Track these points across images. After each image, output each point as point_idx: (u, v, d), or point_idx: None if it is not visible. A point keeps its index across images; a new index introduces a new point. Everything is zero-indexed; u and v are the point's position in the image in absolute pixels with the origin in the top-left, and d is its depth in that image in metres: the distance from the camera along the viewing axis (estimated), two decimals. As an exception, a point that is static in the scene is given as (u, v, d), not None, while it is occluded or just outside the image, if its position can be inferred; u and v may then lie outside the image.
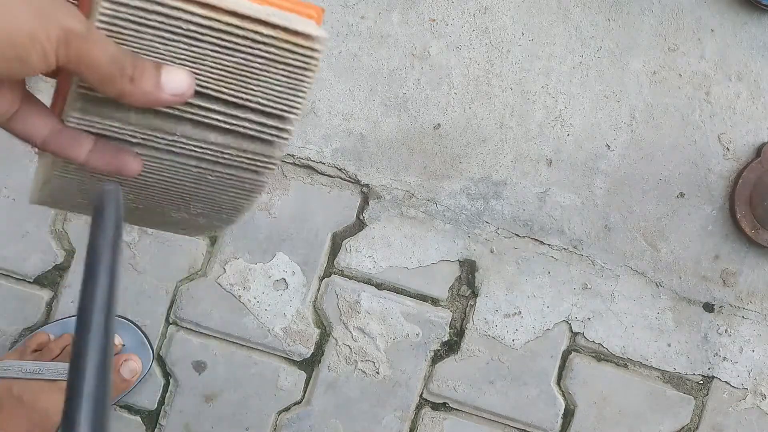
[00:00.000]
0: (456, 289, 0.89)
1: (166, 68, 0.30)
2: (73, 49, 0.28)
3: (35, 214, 0.86)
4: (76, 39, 0.27)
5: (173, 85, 0.30)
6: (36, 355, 0.81)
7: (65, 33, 0.27)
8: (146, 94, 0.30)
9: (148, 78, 0.29)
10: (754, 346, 0.91)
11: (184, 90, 0.30)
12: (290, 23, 0.32)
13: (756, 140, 0.89)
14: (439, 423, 0.90)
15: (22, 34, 0.26)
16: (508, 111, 0.89)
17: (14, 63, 0.27)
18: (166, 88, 0.30)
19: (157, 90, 0.30)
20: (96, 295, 0.26)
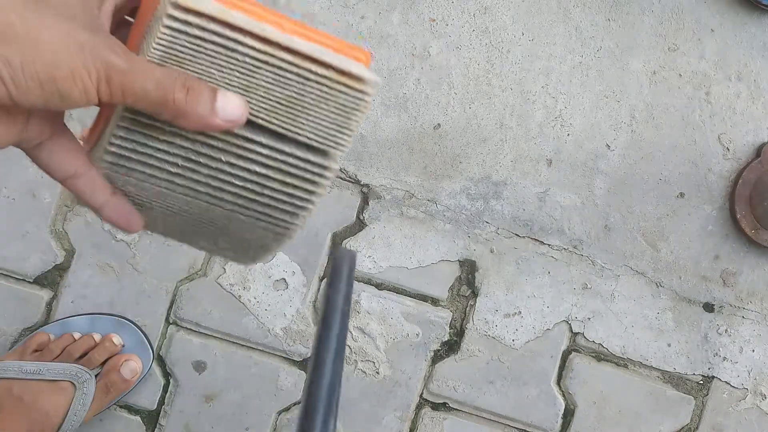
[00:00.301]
0: (456, 289, 0.89)
1: (221, 93, 0.30)
2: (115, 84, 0.28)
3: (35, 214, 0.86)
4: (117, 74, 0.28)
5: (228, 110, 0.30)
6: (36, 356, 0.80)
7: (106, 69, 0.27)
8: (200, 117, 0.29)
9: (203, 101, 0.29)
10: (754, 346, 0.91)
11: (237, 117, 0.30)
12: (343, 64, 0.32)
13: (756, 140, 0.89)
14: (439, 423, 0.90)
15: (64, 70, 0.27)
16: (508, 111, 0.89)
17: (54, 97, 0.27)
18: (220, 113, 0.30)
19: (212, 114, 0.30)
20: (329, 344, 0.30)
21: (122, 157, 0.32)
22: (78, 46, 0.27)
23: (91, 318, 0.85)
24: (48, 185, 0.86)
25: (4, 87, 0.26)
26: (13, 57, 0.26)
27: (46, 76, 0.26)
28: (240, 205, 0.34)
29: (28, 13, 0.26)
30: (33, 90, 0.27)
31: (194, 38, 0.30)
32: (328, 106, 0.33)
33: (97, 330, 0.85)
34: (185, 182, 0.33)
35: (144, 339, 0.85)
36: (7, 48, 0.26)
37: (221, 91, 0.30)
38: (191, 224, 0.37)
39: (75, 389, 0.79)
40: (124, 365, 0.82)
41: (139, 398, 0.88)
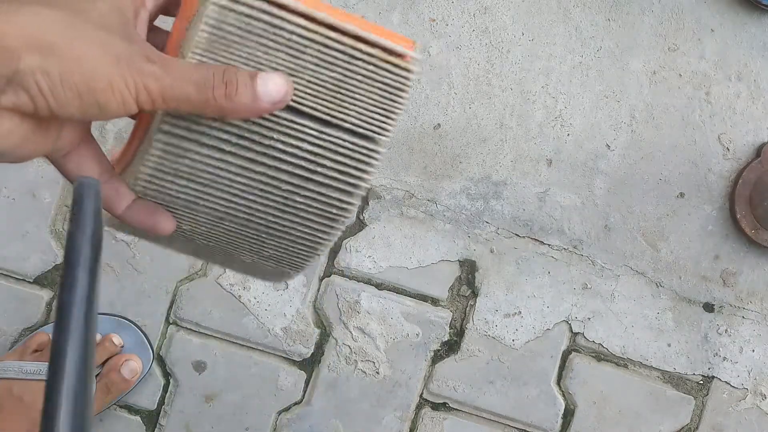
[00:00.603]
0: (456, 289, 0.89)
1: (260, 75, 0.30)
2: (155, 92, 0.28)
3: (35, 214, 0.86)
4: (155, 82, 0.28)
5: (270, 91, 0.30)
6: (36, 356, 0.81)
7: (143, 78, 0.27)
8: (246, 107, 0.29)
9: (245, 91, 0.29)
10: (754, 346, 0.91)
11: (282, 95, 0.30)
12: (389, 43, 0.33)
13: (756, 140, 0.89)
14: (439, 423, 0.90)
15: (102, 82, 0.27)
16: (508, 111, 0.89)
17: (92, 108, 0.27)
18: (264, 97, 0.30)
19: (256, 101, 0.29)
20: (76, 292, 0.26)
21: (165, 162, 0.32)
22: (115, 57, 0.27)
23: (91, 318, 0.85)
24: (48, 185, 0.86)
25: (43, 99, 0.26)
26: (53, 69, 0.26)
27: (85, 87, 0.27)
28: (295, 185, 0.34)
29: (67, 26, 0.27)
30: (72, 102, 0.27)
31: (241, 16, 0.30)
32: (373, 88, 0.33)
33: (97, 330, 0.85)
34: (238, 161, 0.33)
35: (144, 339, 0.85)
36: (47, 61, 0.26)
37: (260, 73, 0.30)
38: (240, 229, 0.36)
39: (75, 389, 0.79)
40: (124, 365, 0.82)
41: (139, 398, 0.88)
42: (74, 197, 0.28)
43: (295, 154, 0.33)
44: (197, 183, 0.33)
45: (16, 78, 0.26)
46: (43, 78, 0.26)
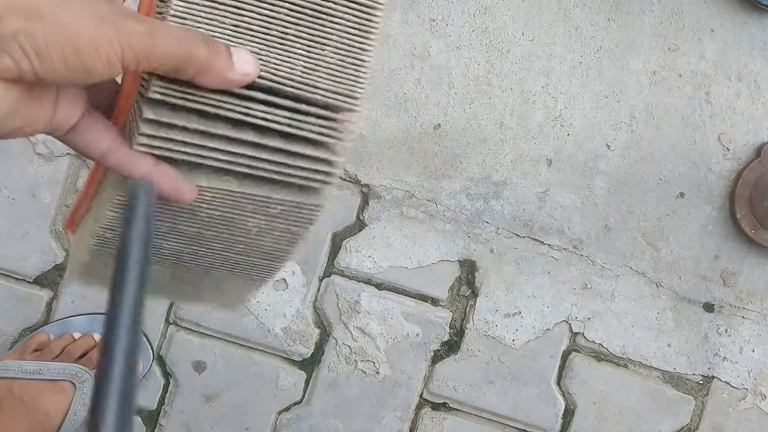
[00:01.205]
0: (456, 289, 0.89)
1: (234, 49, 0.31)
2: (140, 51, 0.28)
3: (35, 214, 0.86)
4: (140, 39, 0.28)
5: (243, 64, 0.31)
6: (36, 355, 0.81)
7: (128, 37, 0.28)
8: (220, 71, 0.30)
9: (222, 57, 0.30)
10: (754, 346, 0.91)
11: (251, 70, 0.31)
12: None
13: (756, 140, 0.89)
14: (439, 423, 0.90)
15: (86, 42, 0.27)
16: (508, 111, 0.89)
17: (78, 70, 0.27)
18: (236, 68, 0.31)
19: (230, 69, 0.31)
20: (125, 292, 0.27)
21: (155, 137, 0.32)
22: (98, 17, 0.27)
23: (91, 318, 0.85)
24: (48, 185, 0.86)
25: (28, 62, 0.27)
26: (37, 31, 0.26)
27: (70, 48, 0.27)
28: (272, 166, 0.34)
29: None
30: (57, 64, 0.27)
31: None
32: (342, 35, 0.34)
33: (97, 330, 0.85)
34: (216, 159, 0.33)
35: (144, 339, 0.85)
36: (31, 23, 0.26)
37: (234, 48, 0.31)
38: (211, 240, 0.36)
39: (75, 389, 0.79)
40: (124, 365, 0.82)
41: (139, 398, 0.88)
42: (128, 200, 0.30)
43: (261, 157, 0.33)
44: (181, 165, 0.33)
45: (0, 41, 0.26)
46: (27, 40, 0.26)
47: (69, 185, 0.87)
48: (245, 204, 0.34)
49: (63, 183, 0.86)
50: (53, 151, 0.86)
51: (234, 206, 0.34)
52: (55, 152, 0.86)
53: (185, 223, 0.35)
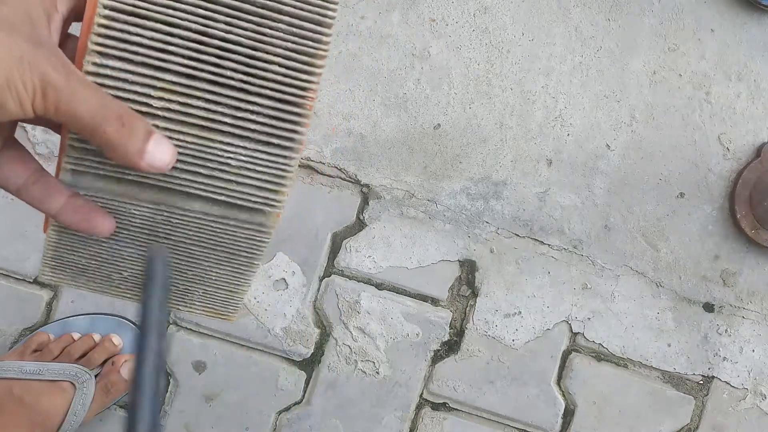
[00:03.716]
0: (456, 289, 0.89)
1: (155, 137, 0.29)
2: (50, 100, 0.27)
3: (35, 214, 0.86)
4: (53, 90, 0.27)
5: (157, 158, 0.29)
6: (36, 356, 0.80)
7: (42, 83, 0.27)
8: (127, 155, 0.29)
9: (135, 140, 0.29)
10: (754, 346, 0.91)
11: (164, 166, 0.30)
12: None
13: (756, 140, 0.89)
14: (439, 423, 0.90)
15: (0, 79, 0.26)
16: (508, 111, 0.89)
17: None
18: (148, 158, 0.29)
19: (139, 157, 0.29)
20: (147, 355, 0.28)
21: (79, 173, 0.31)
22: (17, 57, 0.27)
23: (91, 318, 0.85)
24: (48, 185, 0.86)
25: None
26: None
27: None
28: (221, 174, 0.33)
29: None
30: None
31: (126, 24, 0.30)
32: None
33: (97, 330, 0.85)
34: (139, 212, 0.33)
35: (144, 339, 0.85)
36: None
37: (156, 135, 0.29)
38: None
39: (75, 389, 0.79)
40: (124, 365, 0.82)
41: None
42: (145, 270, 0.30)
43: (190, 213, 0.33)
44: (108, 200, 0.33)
45: None
46: None
47: (69, 185, 0.87)
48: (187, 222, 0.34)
49: (63, 183, 0.86)
50: (53, 152, 0.86)
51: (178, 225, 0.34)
52: (55, 152, 0.86)
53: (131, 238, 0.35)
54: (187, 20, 0.30)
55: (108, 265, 0.36)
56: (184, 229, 0.34)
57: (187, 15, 0.30)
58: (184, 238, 0.34)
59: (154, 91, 0.30)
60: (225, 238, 0.34)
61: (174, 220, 0.33)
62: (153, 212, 0.33)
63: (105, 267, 0.36)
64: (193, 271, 0.36)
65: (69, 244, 0.35)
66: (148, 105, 0.30)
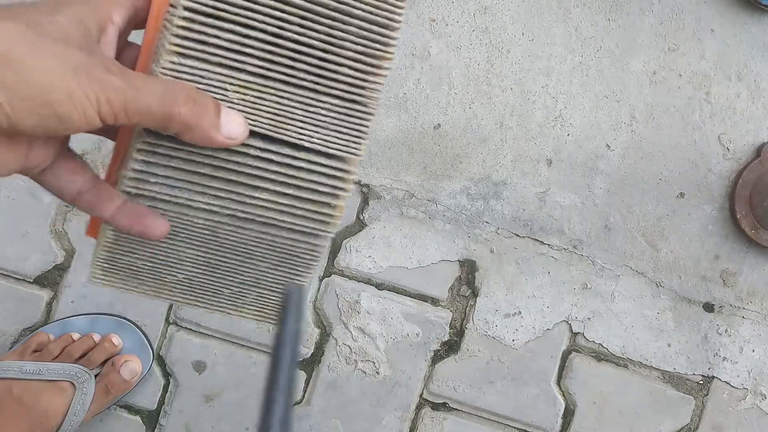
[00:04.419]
0: (456, 289, 0.89)
1: (225, 110, 0.30)
2: (116, 104, 0.27)
3: (35, 214, 0.86)
4: (116, 93, 0.27)
5: (231, 127, 0.30)
6: (36, 356, 0.80)
7: (104, 90, 0.27)
8: (204, 131, 0.29)
9: (208, 115, 0.29)
10: (754, 346, 0.91)
11: (239, 133, 0.30)
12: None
13: (756, 140, 0.89)
14: (439, 423, 0.90)
15: (60, 94, 0.26)
16: (508, 111, 0.89)
17: (52, 120, 0.27)
18: (223, 130, 0.30)
19: (215, 129, 0.30)
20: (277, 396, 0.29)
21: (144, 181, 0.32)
22: (73, 68, 0.27)
23: (90, 318, 0.85)
24: (48, 185, 0.86)
25: (2, 112, 0.26)
26: (8, 81, 0.25)
27: (42, 99, 0.26)
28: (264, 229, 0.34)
29: (22, 39, 0.26)
30: (30, 115, 0.26)
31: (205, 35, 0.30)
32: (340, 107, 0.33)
33: (97, 330, 0.85)
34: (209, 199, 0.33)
35: (144, 339, 0.85)
36: (4, 73, 0.25)
37: (224, 108, 0.30)
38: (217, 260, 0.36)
39: (75, 389, 0.79)
40: (123, 366, 0.82)
41: (139, 398, 0.88)
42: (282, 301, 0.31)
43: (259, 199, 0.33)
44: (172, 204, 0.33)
45: None
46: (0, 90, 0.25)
47: (69, 185, 0.87)
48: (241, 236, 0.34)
49: (63, 183, 0.86)
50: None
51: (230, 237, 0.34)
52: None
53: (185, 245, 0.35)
54: (263, 22, 0.31)
55: (163, 267, 0.36)
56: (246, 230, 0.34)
57: (263, 17, 0.31)
58: (245, 239, 0.34)
59: (230, 87, 0.31)
60: (285, 240, 0.35)
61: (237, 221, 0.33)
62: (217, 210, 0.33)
63: (159, 269, 0.36)
64: (250, 273, 0.37)
65: (126, 246, 0.35)
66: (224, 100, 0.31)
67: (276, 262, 0.36)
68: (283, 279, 0.37)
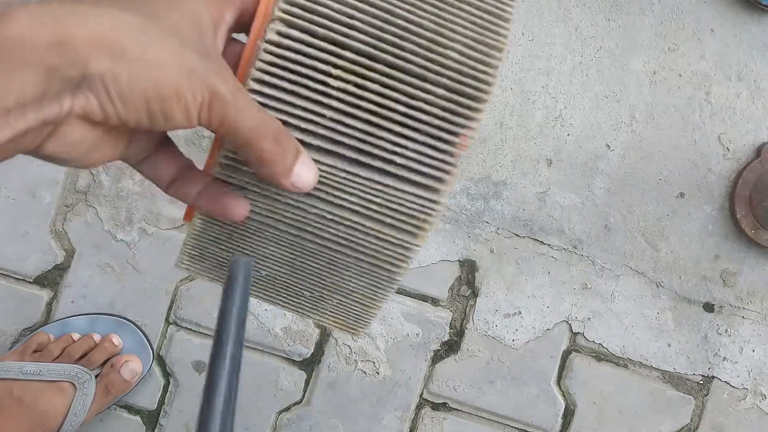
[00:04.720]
0: (456, 289, 0.89)
1: (302, 157, 0.30)
2: (215, 112, 0.28)
3: (35, 214, 0.86)
4: (220, 104, 0.27)
5: (302, 178, 0.30)
6: (36, 356, 0.80)
7: (210, 95, 0.27)
8: (275, 174, 0.30)
9: (286, 160, 0.30)
10: (754, 346, 0.91)
11: (306, 186, 0.31)
12: None
13: (756, 140, 0.89)
14: (439, 423, 0.90)
15: (170, 90, 0.26)
16: (508, 111, 0.89)
17: (158, 117, 0.27)
18: (293, 177, 0.30)
19: (285, 176, 0.30)
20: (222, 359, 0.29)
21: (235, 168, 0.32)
22: (188, 69, 0.27)
23: (91, 318, 0.85)
24: (48, 185, 0.86)
25: (112, 106, 0.26)
26: (122, 73, 0.25)
27: (153, 94, 0.26)
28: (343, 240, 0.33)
29: (140, 31, 0.26)
30: (139, 108, 0.26)
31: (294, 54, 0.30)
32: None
33: (97, 330, 0.85)
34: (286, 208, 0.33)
35: (144, 339, 0.85)
36: (117, 65, 0.25)
37: (304, 156, 0.30)
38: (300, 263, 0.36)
39: (75, 390, 0.79)
40: (124, 366, 0.82)
41: (139, 398, 0.88)
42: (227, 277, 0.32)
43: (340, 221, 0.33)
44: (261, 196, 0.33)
45: (85, 82, 0.25)
46: (112, 84, 0.25)
47: (69, 185, 0.87)
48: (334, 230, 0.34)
49: (63, 183, 0.86)
50: (53, 152, 0.86)
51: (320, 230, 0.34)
52: (54, 152, 0.86)
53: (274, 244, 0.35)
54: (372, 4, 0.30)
55: None
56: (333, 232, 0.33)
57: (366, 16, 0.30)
58: (330, 243, 0.34)
59: (333, 69, 0.30)
60: (371, 247, 0.34)
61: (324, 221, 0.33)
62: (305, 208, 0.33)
63: None
64: (332, 279, 0.36)
65: (213, 235, 0.35)
66: (326, 84, 0.30)
67: (359, 271, 0.35)
68: (365, 289, 0.37)
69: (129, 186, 0.87)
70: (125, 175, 0.87)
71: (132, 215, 0.87)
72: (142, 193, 0.87)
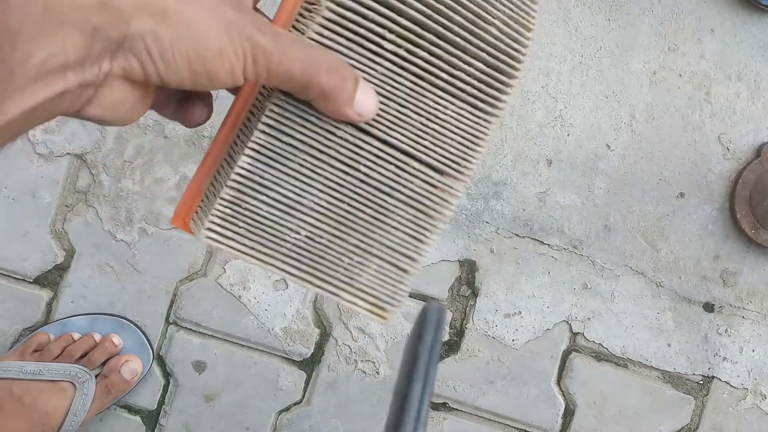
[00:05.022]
0: (456, 289, 0.89)
1: (362, 83, 0.30)
2: (261, 64, 0.27)
3: (35, 214, 0.86)
4: (263, 54, 0.27)
5: (364, 104, 0.30)
6: (36, 356, 0.81)
7: (253, 49, 0.27)
8: (337, 104, 0.30)
9: (347, 88, 0.30)
10: (754, 346, 0.91)
11: (368, 112, 0.31)
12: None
13: (756, 140, 0.89)
14: (439, 423, 0.90)
15: (212, 49, 0.26)
16: (508, 111, 0.89)
17: (201, 77, 0.27)
18: (356, 105, 0.30)
19: (349, 105, 0.30)
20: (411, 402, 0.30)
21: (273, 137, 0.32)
22: (225, 24, 0.26)
23: (91, 318, 0.85)
24: (48, 185, 0.86)
25: (153, 66, 0.26)
26: (164, 34, 0.25)
27: (195, 54, 0.26)
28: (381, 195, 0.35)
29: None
30: (181, 69, 0.26)
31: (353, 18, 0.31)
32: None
33: (97, 330, 0.85)
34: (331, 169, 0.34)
35: (144, 339, 0.85)
36: (158, 25, 0.25)
37: (363, 82, 0.30)
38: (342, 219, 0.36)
39: (75, 390, 0.79)
40: (124, 366, 0.82)
41: (139, 398, 0.88)
42: (420, 316, 0.33)
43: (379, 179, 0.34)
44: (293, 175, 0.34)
45: (127, 42, 0.25)
46: (154, 44, 0.25)
47: (69, 185, 0.87)
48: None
49: (63, 183, 0.86)
50: (53, 151, 0.86)
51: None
52: (55, 152, 0.86)
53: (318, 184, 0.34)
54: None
55: (287, 219, 0.34)
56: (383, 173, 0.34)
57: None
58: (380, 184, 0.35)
59: (388, 34, 0.32)
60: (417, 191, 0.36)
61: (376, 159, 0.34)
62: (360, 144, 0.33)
63: (283, 220, 0.34)
64: (376, 234, 0.37)
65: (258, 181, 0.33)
66: (380, 46, 0.32)
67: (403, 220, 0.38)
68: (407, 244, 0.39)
69: (129, 186, 0.87)
70: (125, 175, 0.87)
71: (132, 215, 0.87)
72: (142, 193, 0.87)
